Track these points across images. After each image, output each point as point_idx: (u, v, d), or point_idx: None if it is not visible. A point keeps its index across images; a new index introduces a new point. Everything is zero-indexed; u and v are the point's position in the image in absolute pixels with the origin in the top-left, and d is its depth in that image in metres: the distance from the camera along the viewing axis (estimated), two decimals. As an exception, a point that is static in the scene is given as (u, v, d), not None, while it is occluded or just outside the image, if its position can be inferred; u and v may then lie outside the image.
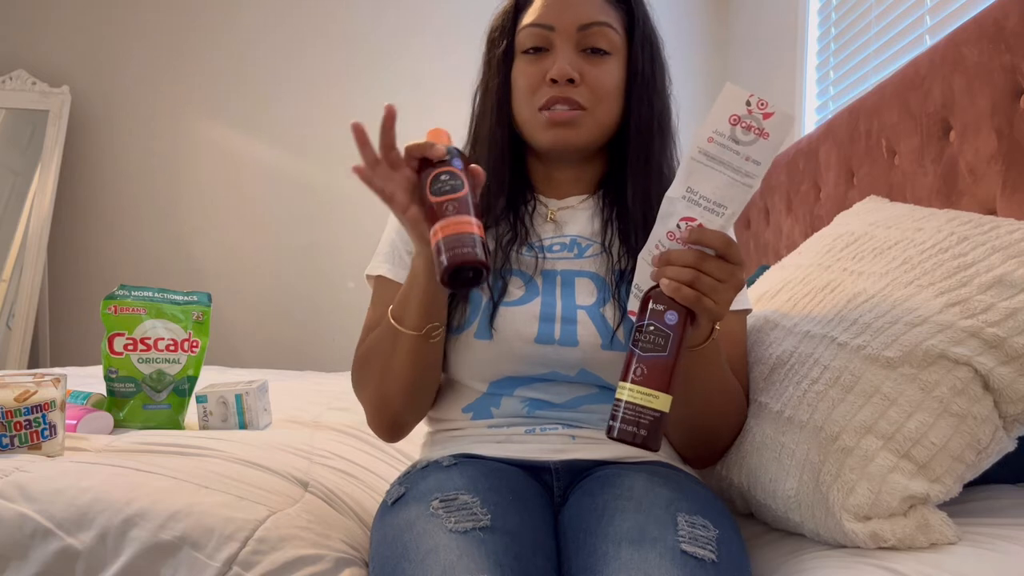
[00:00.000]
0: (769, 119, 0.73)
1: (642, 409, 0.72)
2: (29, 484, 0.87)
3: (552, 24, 0.92)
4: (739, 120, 0.73)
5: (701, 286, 0.73)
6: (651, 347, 0.73)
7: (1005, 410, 0.77)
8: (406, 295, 0.86)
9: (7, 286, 3.09)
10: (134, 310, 1.28)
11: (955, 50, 1.24)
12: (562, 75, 0.90)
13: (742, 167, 0.74)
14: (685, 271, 0.73)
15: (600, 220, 0.97)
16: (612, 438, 0.74)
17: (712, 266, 0.74)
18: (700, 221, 0.75)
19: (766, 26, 2.87)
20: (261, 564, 0.81)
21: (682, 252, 0.74)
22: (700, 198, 0.75)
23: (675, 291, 0.73)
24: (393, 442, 1.00)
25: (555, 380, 0.91)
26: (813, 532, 0.81)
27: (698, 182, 0.75)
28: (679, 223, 0.76)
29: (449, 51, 3.23)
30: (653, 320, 0.74)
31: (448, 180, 0.76)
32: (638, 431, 0.72)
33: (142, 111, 3.38)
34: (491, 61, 0.98)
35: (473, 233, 0.73)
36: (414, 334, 0.85)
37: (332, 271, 3.31)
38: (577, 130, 0.92)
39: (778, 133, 0.73)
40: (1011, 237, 0.82)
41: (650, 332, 0.73)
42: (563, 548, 0.79)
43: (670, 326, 0.73)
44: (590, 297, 0.91)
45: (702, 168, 0.75)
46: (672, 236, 0.76)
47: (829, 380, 0.82)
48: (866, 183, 1.57)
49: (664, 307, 0.74)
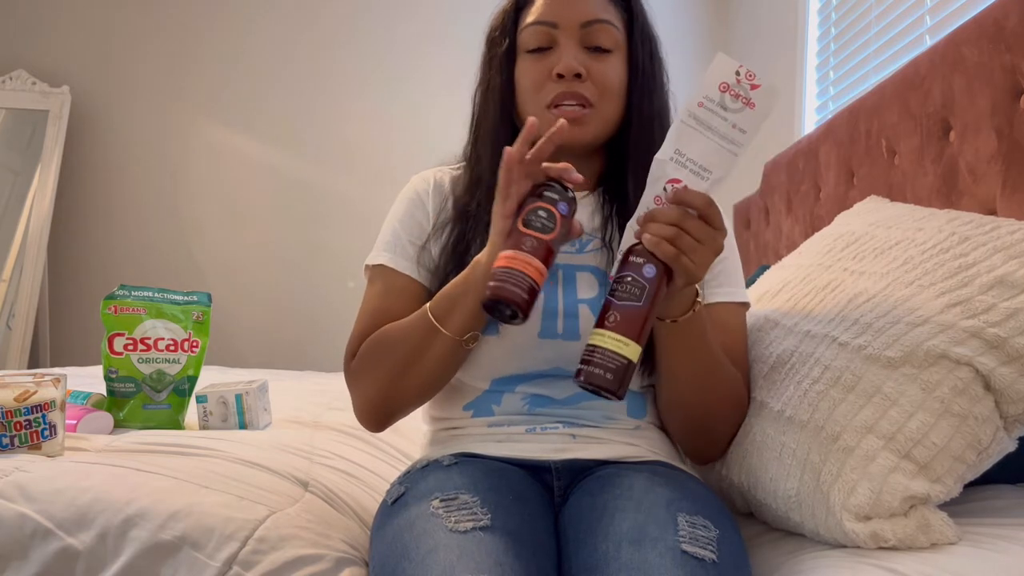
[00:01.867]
0: (756, 90, 0.76)
1: (612, 355, 0.73)
2: (29, 484, 0.87)
3: (555, 21, 0.92)
4: (728, 88, 0.76)
5: (681, 244, 0.75)
6: (627, 296, 0.74)
7: (1006, 410, 0.77)
8: (454, 297, 0.86)
9: (7, 286, 3.09)
10: (134, 310, 1.28)
11: (955, 50, 1.24)
12: (569, 70, 0.90)
13: (728, 134, 0.76)
14: (667, 228, 0.75)
15: (600, 216, 0.97)
16: (580, 382, 0.74)
17: (692, 225, 0.75)
18: (685, 183, 0.77)
19: (766, 26, 2.87)
20: (261, 564, 0.81)
21: (665, 209, 0.76)
22: (687, 160, 0.77)
23: (655, 245, 0.75)
24: (377, 431, 0.97)
25: (557, 375, 0.91)
26: (813, 532, 0.81)
27: (686, 144, 0.77)
28: (666, 185, 0.78)
29: (450, 51, 3.23)
30: (631, 271, 0.75)
31: (544, 217, 0.77)
32: (605, 374, 0.72)
33: (142, 111, 3.38)
34: (492, 60, 0.98)
35: (529, 276, 0.74)
36: (453, 337, 0.85)
37: (332, 271, 3.31)
38: (585, 128, 0.92)
39: (764, 104, 0.76)
40: (1012, 237, 0.82)
41: (627, 282, 0.75)
42: (563, 548, 0.79)
43: (647, 279, 0.75)
44: (591, 291, 0.92)
45: (691, 131, 0.77)
46: (659, 200, 0.78)
47: (830, 380, 0.82)
48: (866, 183, 1.57)
49: (643, 260, 0.75)
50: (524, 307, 0.74)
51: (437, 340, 0.86)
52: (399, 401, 0.92)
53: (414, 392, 0.91)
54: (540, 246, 0.76)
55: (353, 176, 3.36)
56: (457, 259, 0.94)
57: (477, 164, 0.98)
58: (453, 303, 0.86)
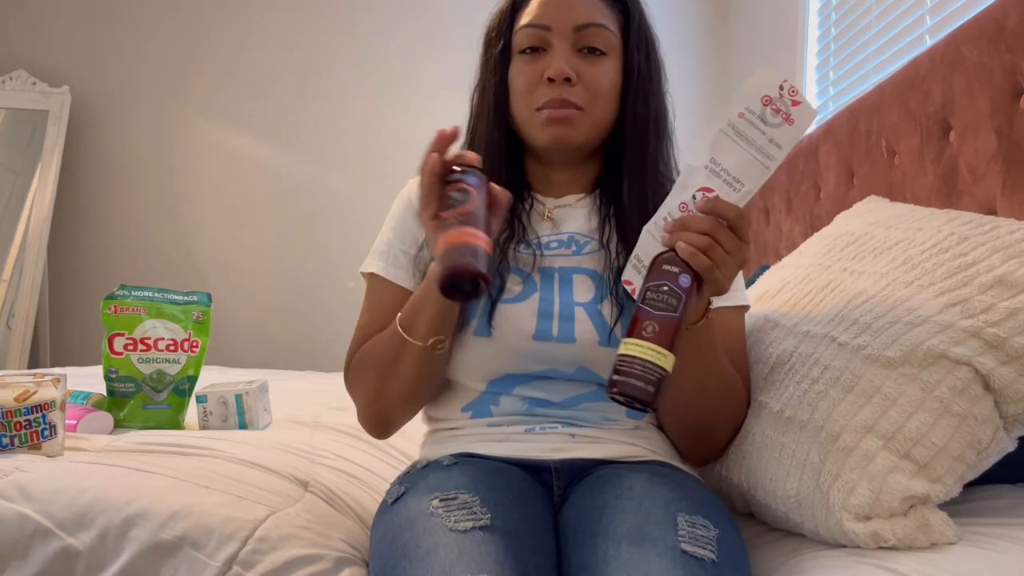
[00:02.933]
0: (797, 107, 0.75)
1: (651, 366, 0.71)
2: (29, 484, 0.87)
3: (548, 24, 0.92)
4: (770, 102, 0.75)
5: (714, 255, 0.74)
6: (663, 306, 0.73)
7: (1005, 410, 0.77)
8: (417, 305, 0.87)
9: (7, 286, 3.09)
10: (134, 310, 1.28)
11: (955, 50, 1.24)
12: (559, 74, 0.90)
13: (765, 148, 0.76)
14: (702, 238, 0.74)
15: (598, 218, 0.97)
16: (615, 393, 0.71)
17: (725, 236, 0.74)
18: (717, 193, 0.77)
19: (766, 26, 2.87)
20: (261, 564, 0.81)
21: (700, 218, 0.75)
22: (721, 170, 0.77)
23: (691, 256, 0.74)
24: (382, 439, 1.01)
25: (554, 378, 0.91)
26: (813, 532, 0.81)
27: (722, 153, 0.76)
28: (695, 193, 0.77)
29: (450, 52, 3.23)
30: (667, 281, 0.74)
31: (457, 196, 0.77)
32: (645, 386, 0.70)
33: (142, 111, 3.38)
34: (488, 61, 0.98)
35: (472, 243, 0.73)
36: (421, 345, 0.86)
37: (332, 271, 3.31)
38: (574, 129, 0.92)
39: (802, 122, 0.75)
40: (1011, 237, 0.82)
41: (664, 292, 0.73)
42: (563, 547, 0.79)
43: (684, 288, 0.74)
44: (588, 294, 0.92)
45: (728, 141, 0.76)
46: (684, 207, 0.77)
47: (829, 380, 0.82)
48: (866, 183, 1.57)
49: (679, 269, 0.74)
50: (477, 270, 0.72)
51: (407, 349, 0.87)
52: (388, 410, 0.94)
53: (399, 401, 0.93)
54: (466, 217, 0.75)
55: (353, 176, 3.36)
56: None
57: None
58: (416, 312, 0.87)
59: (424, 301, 0.86)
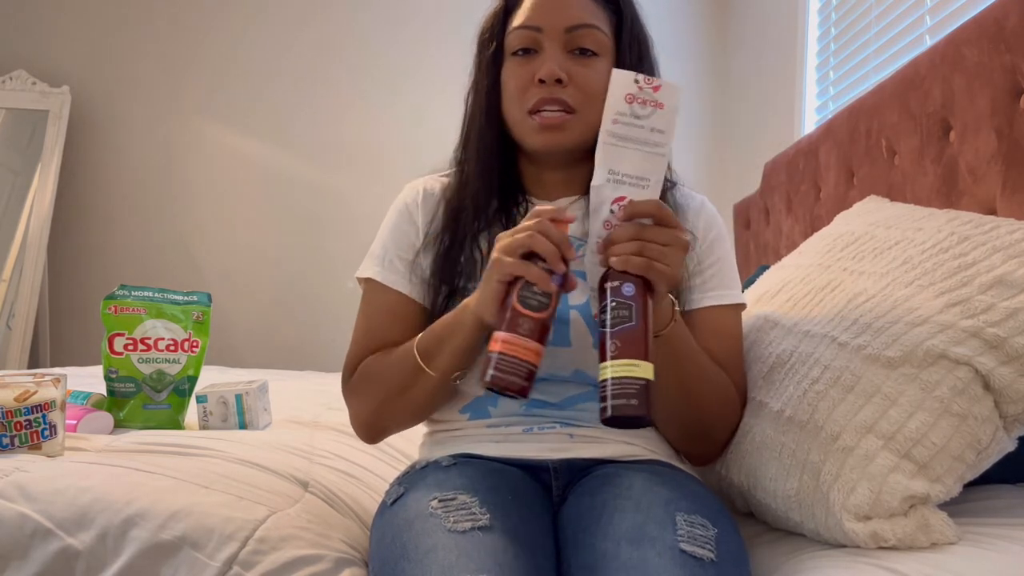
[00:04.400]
0: (659, 91, 0.78)
1: (628, 380, 0.71)
2: (29, 484, 0.87)
3: (540, 26, 0.92)
4: (633, 98, 0.78)
5: (649, 253, 0.75)
6: (618, 320, 0.73)
7: (1005, 410, 0.77)
8: (442, 338, 0.86)
9: (7, 286, 3.09)
10: (134, 310, 1.28)
11: (955, 50, 1.24)
12: (550, 75, 0.90)
13: (649, 139, 0.78)
14: (630, 244, 0.75)
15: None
16: (606, 419, 0.71)
17: (653, 233, 0.76)
18: (629, 197, 0.78)
19: (766, 26, 2.87)
20: (261, 564, 0.81)
21: (622, 228, 0.77)
22: (623, 176, 0.79)
23: (624, 263, 0.75)
24: (371, 444, 1.02)
25: (551, 380, 0.91)
26: (813, 532, 0.81)
27: (615, 162, 0.79)
28: (612, 207, 0.79)
29: (449, 52, 3.23)
30: (613, 297, 0.75)
31: (538, 295, 0.76)
32: (629, 401, 0.70)
33: (142, 111, 3.38)
34: (481, 63, 0.98)
35: (529, 362, 0.74)
36: (437, 376, 0.86)
37: (332, 271, 3.31)
38: (567, 133, 0.92)
39: (671, 101, 0.78)
40: (1011, 237, 0.82)
41: (613, 308, 0.74)
42: (562, 547, 0.79)
43: (629, 297, 0.74)
44: (581, 296, 0.92)
45: (615, 149, 0.78)
46: (608, 225, 0.79)
47: (829, 380, 0.82)
48: (866, 183, 1.57)
49: (619, 282, 0.75)
50: (525, 393, 0.74)
51: (422, 378, 0.87)
52: (386, 425, 0.96)
53: (404, 416, 0.94)
54: (536, 326, 0.75)
55: (353, 177, 3.36)
56: (449, 267, 0.94)
57: (466, 166, 0.98)
58: (440, 344, 0.86)
59: (454, 333, 0.85)
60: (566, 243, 0.77)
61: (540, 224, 0.77)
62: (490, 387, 0.74)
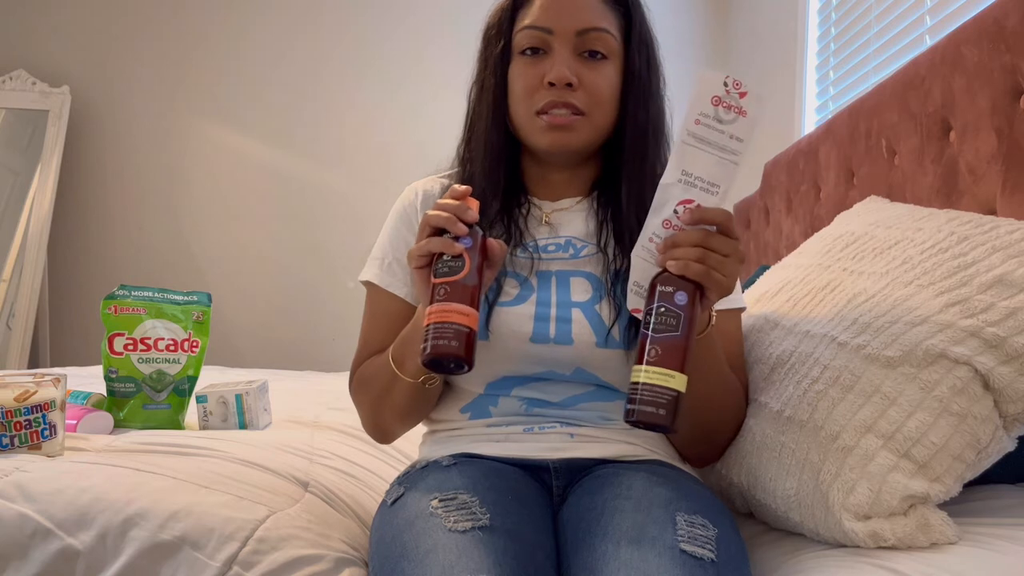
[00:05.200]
0: (745, 98, 0.76)
1: (660, 389, 0.72)
2: (29, 484, 0.87)
3: (551, 27, 0.92)
4: (720, 101, 0.76)
5: (710, 261, 0.75)
6: (663, 328, 0.74)
7: (1005, 410, 0.77)
8: (406, 342, 0.87)
9: (7, 286, 3.10)
10: (134, 310, 1.28)
11: (955, 50, 1.24)
12: (560, 79, 0.90)
13: (728, 145, 0.77)
14: (693, 250, 0.75)
15: (595, 221, 0.97)
16: (631, 421, 0.73)
17: (718, 242, 0.75)
18: (697, 202, 0.77)
19: (766, 26, 2.87)
20: (261, 564, 0.81)
21: (688, 233, 0.76)
22: (695, 179, 0.78)
23: (684, 268, 0.74)
24: (385, 444, 1.03)
25: (551, 379, 0.91)
26: (813, 531, 0.81)
27: (691, 164, 0.77)
28: (676, 207, 0.78)
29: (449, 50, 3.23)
30: (663, 302, 0.75)
31: (448, 261, 0.76)
32: (657, 411, 0.72)
33: (142, 111, 3.38)
34: (487, 60, 0.97)
35: (457, 324, 0.74)
36: (411, 381, 0.87)
37: (332, 271, 3.32)
38: (574, 134, 0.92)
39: (754, 110, 0.77)
40: (1011, 237, 0.82)
41: (661, 314, 0.74)
42: (562, 547, 0.79)
43: (680, 306, 0.74)
44: (585, 295, 0.92)
45: (693, 150, 0.77)
46: (668, 224, 0.78)
47: (829, 379, 0.82)
48: (866, 183, 1.57)
49: (673, 288, 0.75)
50: (460, 355, 0.74)
51: (398, 382, 0.88)
52: (385, 426, 0.97)
53: (394, 421, 0.96)
54: (455, 289, 0.75)
55: (353, 176, 3.36)
56: None
57: (470, 164, 0.98)
58: (405, 348, 0.87)
59: (413, 338, 0.85)
60: (460, 208, 0.78)
61: (435, 203, 0.80)
62: (428, 360, 0.74)
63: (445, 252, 0.77)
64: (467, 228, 0.78)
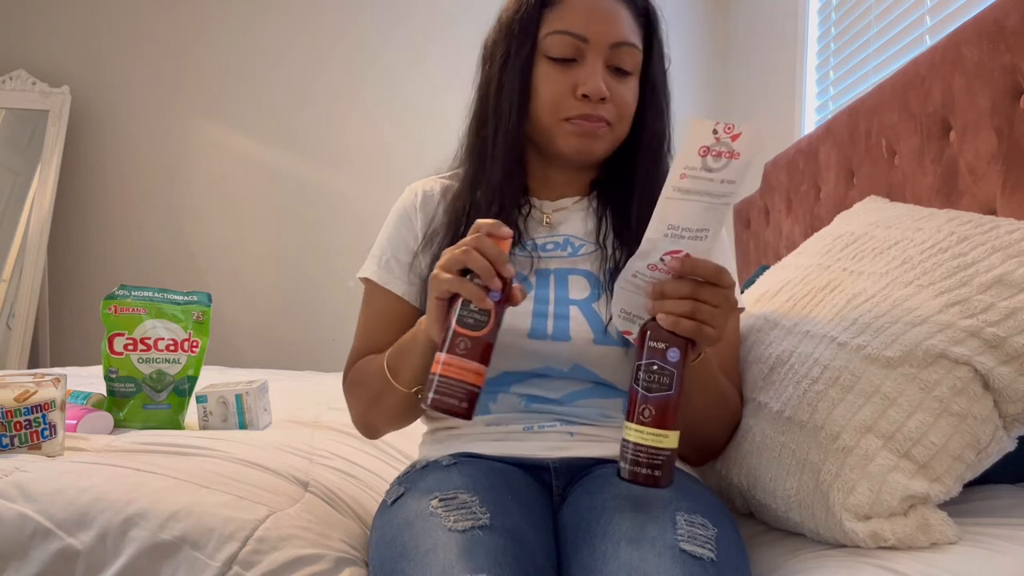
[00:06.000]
0: (738, 140, 0.70)
1: (654, 450, 0.72)
2: (29, 484, 0.87)
3: (587, 37, 0.91)
4: (708, 151, 0.70)
5: (700, 315, 0.73)
6: (656, 387, 0.72)
7: (1005, 410, 0.77)
8: (403, 352, 0.88)
9: (7, 286, 3.09)
10: (134, 310, 1.28)
11: (955, 50, 1.24)
12: (596, 94, 0.90)
13: (717, 190, 0.71)
14: (683, 303, 0.73)
15: (594, 220, 0.98)
16: (624, 479, 0.73)
17: (708, 294, 0.73)
18: (686, 251, 0.74)
19: (766, 26, 2.87)
20: (261, 564, 0.81)
21: (677, 284, 0.73)
22: (682, 231, 0.73)
23: (674, 324, 0.72)
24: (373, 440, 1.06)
25: (549, 376, 0.92)
26: (813, 532, 0.81)
27: (676, 217, 0.72)
28: (663, 257, 0.74)
29: (449, 50, 3.23)
30: (655, 359, 0.73)
31: (475, 313, 0.74)
32: (652, 472, 0.72)
33: (142, 111, 3.38)
34: (509, 59, 0.94)
35: (468, 384, 0.73)
36: (405, 391, 0.88)
37: (332, 271, 3.32)
38: (600, 142, 0.94)
39: (749, 149, 0.70)
40: (1011, 237, 0.82)
41: (653, 371, 0.73)
42: (562, 547, 0.79)
43: (673, 363, 0.73)
44: (583, 293, 0.92)
45: (678, 203, 0.72)
46: (654, 267, 0.75)
47: (829, 380, 0.82)
48: (866, 183, 1.57)
49: (665, 344, 0.73)
50: (465, 414, 0.73)
51: (392, 390, 0.88)
52: (375, 427, 0.99)
53: (386, 422, 0.96)
54: (474, 345, 0.73)
55: (353, 176, 3.36)
56: None
57: (482, 163, 0.97)
58: (402, 359, 0.87)
59: (411, 350, 0.85)
60: (501, 259, 0.74)
61: (477, 240, 0.74)
62: (432, 408, 0.74)
63: (475, 303, 0.74)
64: (502, 283, 0.74)
